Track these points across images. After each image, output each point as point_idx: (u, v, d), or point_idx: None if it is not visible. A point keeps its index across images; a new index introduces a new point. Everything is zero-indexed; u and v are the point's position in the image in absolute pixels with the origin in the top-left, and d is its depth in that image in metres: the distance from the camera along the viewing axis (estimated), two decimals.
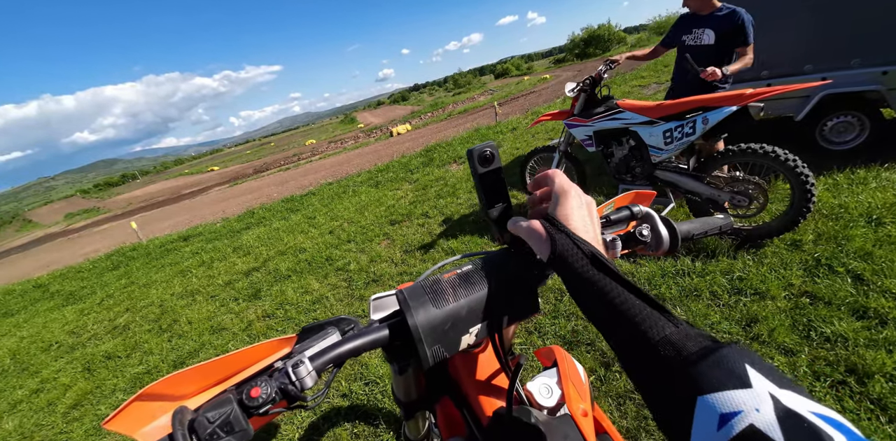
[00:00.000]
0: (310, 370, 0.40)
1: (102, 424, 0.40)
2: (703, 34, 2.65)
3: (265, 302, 3.45)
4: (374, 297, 0.58)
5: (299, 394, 0.40)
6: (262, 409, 0.38)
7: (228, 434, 0.36)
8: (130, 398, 0.40)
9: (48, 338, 4.24)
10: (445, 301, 0.44)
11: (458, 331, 0.44)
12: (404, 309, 0.43)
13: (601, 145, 3.08)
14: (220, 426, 0.36)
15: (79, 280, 6.52)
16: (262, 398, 0.37)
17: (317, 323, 0.50)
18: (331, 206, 6.15)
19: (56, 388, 3.09)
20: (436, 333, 0.43)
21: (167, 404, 0.44)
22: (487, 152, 0.52)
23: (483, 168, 0.53)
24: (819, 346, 1.56)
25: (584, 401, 0.58)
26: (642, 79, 9.70)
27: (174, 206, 16.50)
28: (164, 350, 3.12)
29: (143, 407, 0.42)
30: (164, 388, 0.43)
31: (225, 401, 0.37)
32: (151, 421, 0.42)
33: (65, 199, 71.21)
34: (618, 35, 40.73)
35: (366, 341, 0.44)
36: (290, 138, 74.84)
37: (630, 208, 0.56)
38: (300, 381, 0.39)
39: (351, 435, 1.76)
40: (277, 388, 0.38)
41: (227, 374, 0.46)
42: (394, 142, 14.67)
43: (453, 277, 0.47)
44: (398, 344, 0.47)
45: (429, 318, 0.42)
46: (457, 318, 0.44)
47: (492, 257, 0.50)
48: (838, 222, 2.23)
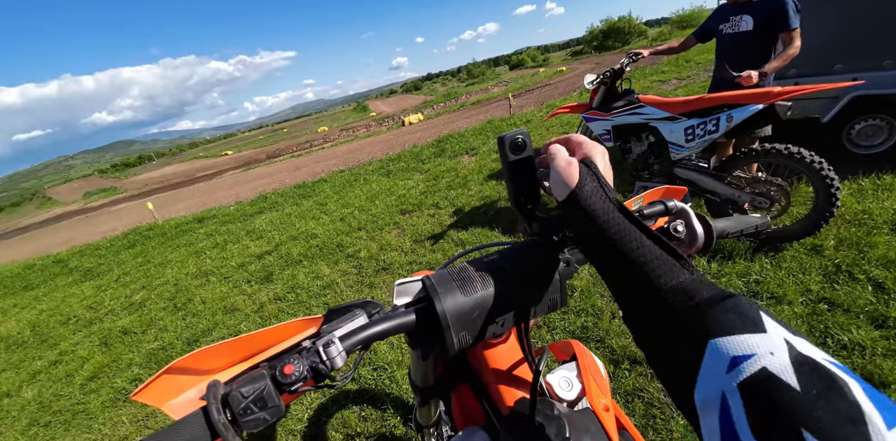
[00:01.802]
0: (340, 350, 0.41)
1: (131, 397, 0.42)
2: (741, 21, 2.47)
3: (277, 285, 3.50)
4: (398, 283, 0.58)
5: (329, 373, 0.40)
6: (293, 387, 0.38)
7: (262, 410, 0.37)
8: (159, 371, 0.42)
9: (67, 311, 4.38)
10: (474, 289, 0.44)
11: (486, 319, 0.44)
12: (432, 295, 0.44)
13: (619, 140, 3.02)
14: (253, 401, 0.37)
15: (96, 257, 6.69)
16: (295, 375, 0.38)
17: (343, 305, 0.50)
18: (342, 194, 6.19)
19: (74, 360, 3.21)
20: (463, 320, 0.43)
21: (195, 378, 0.45)
22: (519, 139, 0.51)
23: (514, 156, 0.52)
24: (835, 353, 1.53)
25: (605, 395, 0.58)
26: (663, 74, 9.46)
27: (189, 189, 16.74)
28: (178, 328, 3.21)
29: (172, 380, 0.44)
30: (192, 363, 0.44)
31: (258, 376, 0.38)
32: (179, 394, 0.43)
33: (83, 178, 72.66)
34: (638, 28, 39.63)
35: (393, 325, 0.45)
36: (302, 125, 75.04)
37: (664, 203, 0.54)
38: (331, 361, 0.40)
39: (359, 417, 1.80)
40: (309, 367, 0.39)
41: (254, 350, 0.47)
42: (405, 131, 14.62)
43: (481, 265, 0.47)
44: (422, 330, 0.47)
45: (457, 305, 0.43)
46: (484, 306, 0.44)
47: (521, 248, 0.50)
48: (861, 228, 2.18)
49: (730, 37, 2.54)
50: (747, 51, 2.43)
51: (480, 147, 6.63)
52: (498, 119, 9.16)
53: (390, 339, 2.26)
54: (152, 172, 46.56)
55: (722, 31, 2.58)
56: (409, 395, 1.87)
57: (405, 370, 2.00)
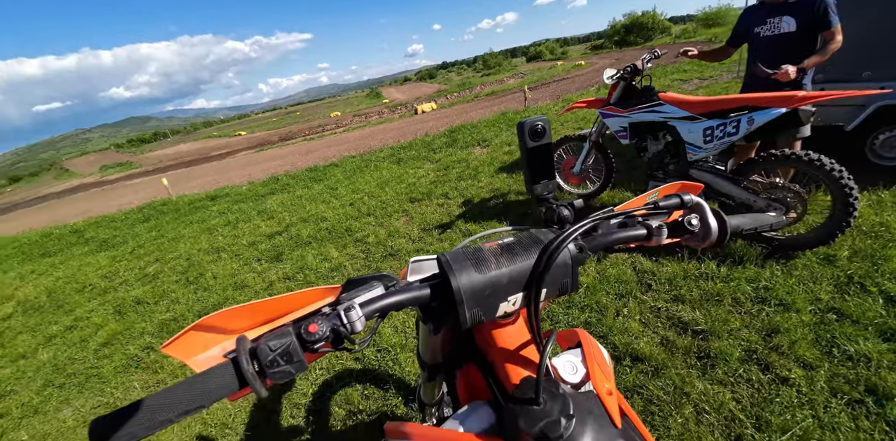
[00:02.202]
0: (360, 315, 0.43)
1: (161, 348, 0.45)
2: (782, 22, 2.36)
3: (286, 265, 3.57)
4: (413, 260, 0.60)
5: (349, 336, 0.43)
6: (316, 345, 0.41)
7: (287, 363, 0.40)
8: (187, 327, 0.45)
9: (82, 280, 4.52)
10: (487, 268, 0.45)
11: (498, 297, 0.46)
12: (447, 271, 0.45)
13: (636, 138, 2.99)
14: (280, 355, 0.39)
15: (112, 229, 6.85)
16: (318, 335, 0.41)
17: (361, 276, 0.52)
18: (352, 179, 6.22)
19: (88, 326, 3.33)
20: (476, 297, 0.45)
21: (219, 337, 0.48)
22: (539, 126, 0.52)
23: (533, 142, 0.53)
24: (840, 363, 1.54)
25: (608, 381, 0.60)
26: (684, 73, 9.27)
27: (202, 167, 16.93)
28: (189, 301, 3.30)
29: (198, 337, 0.47)
30: (218, 321, 0.47)
31: (285, 333, 0.41)
32: (204, 351, 0.46)
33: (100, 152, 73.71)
34: (662, 24, 38.55)
35: (408, 297, 0.47)
36: (315, 109, 74.90)
37: (680, 196, 0.55)
38: (351, 324, 0.42)
39: (361, 395, 1.86)
40: (331, 328, 0.42)
41: (275, 314, 0.50)
42: (418, 120, 14.55)
43: (495, 247, 0.49)
44: (434, 305, 0.49)
45: (471, 282, 0.44)
46: (497, 285, 0.45)
47: (535, 232, 0.51)
48: (877, 241, 2.15)
49: (768, 39, 2.43)
50: (789, 52, 2.33)
51: (493, 139, 6.59)
52: (512, 111, 9.07)
53: (395, 323, 2.31)
54: (167, 149, 47.04)
55: (759, 33, 2.46)
56: (411, 377, 1.92)
57: (408, 354, 2.05)
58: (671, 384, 1.60)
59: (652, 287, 2.19)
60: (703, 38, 19.72)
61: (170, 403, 0.37)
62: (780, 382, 1.52)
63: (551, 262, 0.45)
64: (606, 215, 0.52)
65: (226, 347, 0.48)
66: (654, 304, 2.06)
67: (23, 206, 19.23)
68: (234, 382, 0.39)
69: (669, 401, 1.53)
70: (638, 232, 0.53)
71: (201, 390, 0.38)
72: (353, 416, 1.76)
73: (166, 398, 0.37)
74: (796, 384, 1.49)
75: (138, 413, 0.36)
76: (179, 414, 0.37)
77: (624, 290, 2.19)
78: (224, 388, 0.38)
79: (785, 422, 1.37)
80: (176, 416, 0.37)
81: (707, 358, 1.69)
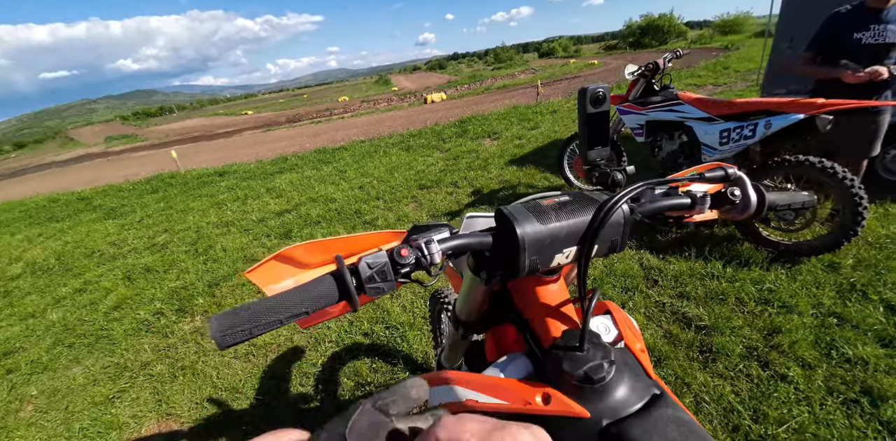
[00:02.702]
0: (438, 249, 0.47)
1: (244, 273, 0.50)
2: (886, 30, 2.23)
3: (296, 242, 3.60)
4: (468, 215, 0.63)
5: (428, 266, 0.47)
6: (403, 269, 0.45)
7: (382, 281, 0.44)
8: (270, 256, 0.49)
9: (91, 245, 4.57)
10: (549, 220, 0.48)
11: (555, 248, 0.49)
12: (512, 220, 0.48)
13: (651, 136, 3.01)
14: (377, 273, 0.44)
15: (119, 198, 6.88)
16: (408, 259, 0.45)
17: (426, 223, 0.55)
18: (361, 163, 6.24)
19: (98, 290, 3.38)
20: (537, 246, 0.47)
21: (293, 269, 0.52)
22: (601, 93, 0.55)
23: (593, 108, 0.56)
24: (838, 365, 1.59)
25: (639, 342, 0.64)
26: (699, 78, 9.21)
27: (209, 143, 16.87)
28: (199, 271, 3.35)
29: (276, 267, 0.51)
30: (296, 254, 0.51)
31: (380, 255, 0.45)
32: (279, 281, 0.51)
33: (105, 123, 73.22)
34: (678, 28, 38.03)
35: (475, 241, 0.50)
36: (323, 92, 74.25)
37: (724, 169, 0.58)
38: (430, 256, 0.46)
39: (370, 369, 1.92)
40: (416, 256, 0.46)
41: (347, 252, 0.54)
42: (427, 109, 14.46)
43: (553, 203, 0.51)
44: (489, 255, 0.52)
45: (535, 231, 0.47)
46: (556, 236, 0.48)
47: (589, 193, 0.54)
48: (882, 252, 2.19)
49: (871, 47, 2.24)
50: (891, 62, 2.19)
51: (503, 132, 6.58)
52: (523, 106, 9.03)
53: (403, 302, 2.36)
54: (173, 124, 46.73)
55: (860, 40, 2.26)
56: (419, 354, 1.97)
57: (416, 331, 2.10)
58: (673, 374, 1.65)
59: (658, 283, 2.24)
60: (719, 45, 19.52)
61: (279, 307, 0.41)
62: (779, 379, 1.57)
63: (607, 220, 0.48)
64: (656, 181, 0.55)
65: (298, 280, 0.52)
66: (659, 299, 2.11)
67: (28, 172, 19.21)
68: (334, 293, 0.43)
69: (672, 389, 1.59)
70: (683, 200, 0.56)
71: (305, 298, 0.42)
72: (361, 387, 1.82)
73: (276, 303, 0.42)
74: (794, 381, 1.54)
75: (252, 314, 0.41)
76: (288, 317, 0.42)
77: (630, 285, 2.24)
78: (325, 297, 0.43)
79: (782, 415, 1.42)
80: (285, 318, 0.42)
81: (709, 352, 1.74)
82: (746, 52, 13.62)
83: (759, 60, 8.08)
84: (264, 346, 2.23)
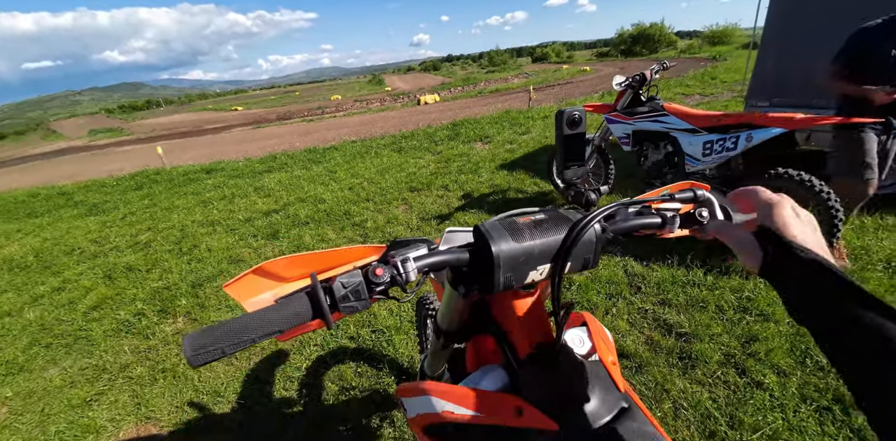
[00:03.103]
0: (414, 267, 0.48)
1: (224, 286, 0.51)
2: None
3: (283, 242, 3.59)
4: (448, 230, 0.64)
5: (403, 284, 0.48)
6: (378, 288, 0.46)
7: (356, 300, 0.45)
8: (248, 270, 0.50)
9: (71, 242, 4.46)
10: (523, 238, 0.50)
11: (529, 265, 0.50)
12: (488, 238, 0.49)
13: (637, 146, 3.07)
14: (351, 292, 0.45)
15: (102, 194, 6.72)
16: (382, 278, 0.46)
17: (405, 238, 0.57)
18: (352, 164, 6.22)
19: (77, 288, 3.30)
20: (511, 263, 0.49)
21: (272, 283, 0.52)
22: (577, 116, 0.58)
23: (570, 130, 0.58)
24: (812, 373, 1.63)
25: (612, 354, 0.67)
26: (687, 87, 9.40)
27: (197, 139, 16.61)
28: (183, 271, 3.30)
29: (255, 281, 0.52)
30: (274, 268, 0.52)
31: (355, 274, 0.46)
32: (257, 294, 0.51)
33: (89, 116, 71.48)
34: (669, 37, 38.86)
35: (451, 257, 0.51)
36: (315, 90, 73.73)
37: (693, 191, 0.60)
38: (406, 274, 0.47)
39: (355, 373, 1.91)
40: (391, 275, 0.47)
41: (325, 266, 0.54)
42: (420, 110, 14.47)
43: (528, 221, 0.53)
44: (466, 270, 0.54)
45: (509, 249, 0.49)
46: (530, 254, 0.50)
47: (564, 212, 0.56)
48: (856, 263, 2.27)
49: None
50: None
51: (495, 136, 6.63)
52: (515, 110, 9.10)
53: (390, 306, 2.36)
54: (160, 118, 45.86)
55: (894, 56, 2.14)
56: (405, 358, 1.98)
57: (402, 336, 2.11)
58: (653, 380, 1.69)
59: (641, 289, 2.28)
60: (707, 55, 19.97)
61: (253, 325, 0.42)
62: (755, 386, 1.62)
63: (579, 238, 0.50)
64: (628, 202, 0.58)
65: (277, 294, 0.52)
66: (641, 305, 2.15)
67: (7, 165, 18.64)
68: (308, 312, 0.44)
69: (651, 396, 1.62)
70: (654, 220, 0.58)
71: (280, 316, 0.43)
72: (346, 391, 1.82)
73: (249, 321, 0.42)
74: (770, 388, 1.59)
75: (225, 332, 0.41)
76: (261, 336, 0.42)
77: (614, 291, 2.28)
78: (298, 316, 0.44)
79: (757, 422, 1.47)
80: (258, 337, 0.42)
81: (688, 359, 1.78)
82: (733, 62, 13.95)
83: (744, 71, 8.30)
84: (248, 349, 2.21)
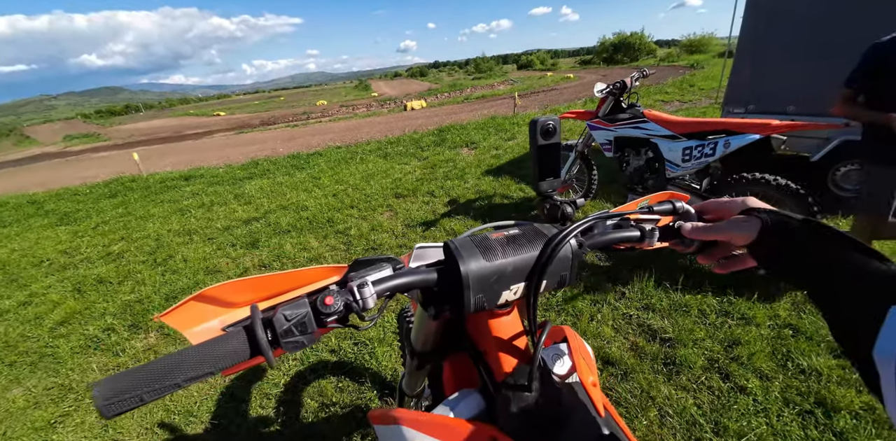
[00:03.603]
0: (372, 293, 0.43)
1: (155, 318, 0.43)
2: None
3: (262, 252, 3.49)
4: (418, 246, 0.60)
5: (360, 312, 0.43)
6: (329, 318, 0.41)
7: (301, 334, 0.40)
8: (188, 297, 0.43)
9: (40, 254, 4.26)
10: (494, 256, 0.46)
11: (502, 285, 0.47)
12: (457, 256, 0.46)
13: (619, 152, 3.11)
14: (295, 325, 0.40)
15: (74, 202, 6.46)
16: (333, 308, 0.41)
17: (369, 258, 0.52)
18: (336, 170, 6.14)
19: (45, 303, 3.14)
20: (482, 283, 0.46)
21: (219, 309, 0.46)
22: (550, 125, 0.55)
23: (543, 140, 0.55)
24: (793, 376, 1.65)
25: (592, 374, 0.64)
26: (666, 94, 9.63)
27: (177, 145, 16.23)
28: (157, 283, 3.17)
29: (197, 308, 0.45)
30: (219, 293, 0.46)
31: (301, 304, 0.41)
32: (202, 322, 0.45)
33: (65, 121, 69.34)
34: (648, 46, 40.04)
35: (417, 279, 0.47)
36: (300, 95, 73.15)
37: (673, 203, 0.58)
38: (363, 301, 0.43)
39: (336, 388, 1.85)
40: (344, 303, 0.42)
41: (279, 289, 0.49)
42: (407, 116, 14.48)
43: (501, 238, 0.50)
44: (436, 290, 0.50)
45: (479, 268, 0.45)
46: (503, 273, 0.46)
47: (539, 227, 0.53)
48: None
49: None
50: None
51: (481, 142, 6.65)
52: (501, 116, 9.17)
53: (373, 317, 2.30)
54: (139, 123, 44.72)
55: None
56: (388, 371, 1.92)
57: (385, 347, 2.05)
58: (639, 388, 1.67)
59: (626, 295, 2.28)
60: (686, 63, 20.58)
61: (178, 368, 0.36)
62: (739, 391, 1.62)
63: (554, 255, 0.47)
64: (606, 215, 0.55)
65: (225, 321, 0.46)
66: (626, 311, 2.15)
67: None
68: (245, 350, 0.39)
69: (636, 404, 1.61)
70: (632, 233, 0.56)
71: (212, 356, 0.37)
72: (326, 408, 1.75)
73: (174, 362, 0.37)
74: (753, 393, 1.59)
75: (145, 376, 0.36)
76: (187, 379, 0.37)
77: (599, 298, 2.27)
78: (234, 355, 0.38)
79: (741, 428, 1.46)
80: (183, 381, 0.37)
81: (673, 364, 1.78)
82: (710, 70, 14.37)
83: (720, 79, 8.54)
84: None
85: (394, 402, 1.68)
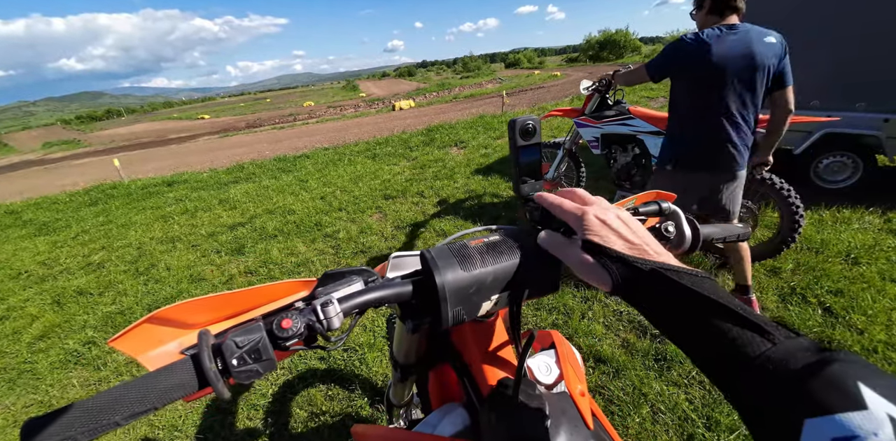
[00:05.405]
0: (338, 311, 0.40)
1: (108, 342, 0.39)
2: None
3: (248, 258, 3.42)
4: (394, 256, 0.57)
5: (325, 333, 0.40)
6: (289, 342, 0.38)
7: (256, 361, 0.36)
8: (140, 320, 0.39)
9: (18, 266, 4.12)
10: (473, 265, 0.44)
11: (481, 296, 0.44)
12: (432, 267, 0.43)
13: (606, 149, 3.11)
14: (248, 352, 0.36)
15: (54, 211, 6.28)
16: (292, 331, 0.37)
17: (339, 270, 0.49)
18: (324, 172, 6.07)
19: (23, 317, 3.03)
20: (460, 295, 0.43)
21: (177, 331, 0.42)
22: (530, 125, 0.52)
23: (523, 141, 0.52)
24: None
25: (581, 382, 0.62)
26: (652, 90, 9.72)
27: (160, 150, 15.90)
28: (139, 293, 3.08)
29: (152, 330, 0.41)
30: (176, 314, 0.42)
31: (254, 328, 0.37)
32: (158, 346, 0.41)
33: (44, 127, 67.59)
34: (633, 43, 40.58)
35: (390, 293, 0.44)
36: (287, 97, 72.37)
37: (658, 204, 0.56)
38: (328, 321, 0.39)
39: (325, 397, 1.81)
40: (306, 324, 0.38)
41: (243, 308, 0.45)
42: (395, 116, 14.40)
43: (481, 245, 0.47)
44: (414, 302, 0.47)
45: (456, 279, 0.42)
46: (482, 283, 0.44)
47: (520, 232, 0.50)
48: (818, 256, 2.34)
49: None
50: None
51: (470, 141, 6.63)
52: (490, 115, 9.17)
53: (363, 321, 2.26)
54: (120, 128, 43.80)
55: None
56: (379, 378, 1.89)
57: (376, 353, 2.02)
58: (630, 385, 1.67)
59: None
60: None
61: (117, 404, 0.33)
62: None
63: (535, 263, 0.45)
64: None
65: (183, 343, 0.42)
66: (617, 307, 2.15)
67: None
68: (193, 382, 0.35)
69: (629, 401, 1.60)
70: None
71: (154, 390, 0.34)
72: (316, 417, 1.71)
73: (113, 398, 0.33)
74: None
75: (80, 413, 0.32)
76: (127, 416, 0.33)
77: (589, 294, 2.27)
78: (181, 387, 0.34)
79: (733, 422, 1.46)
80: (123, 419, 0.33)
81: (664, 360, 1.77)
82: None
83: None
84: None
85: (384, 410, 1.65)
